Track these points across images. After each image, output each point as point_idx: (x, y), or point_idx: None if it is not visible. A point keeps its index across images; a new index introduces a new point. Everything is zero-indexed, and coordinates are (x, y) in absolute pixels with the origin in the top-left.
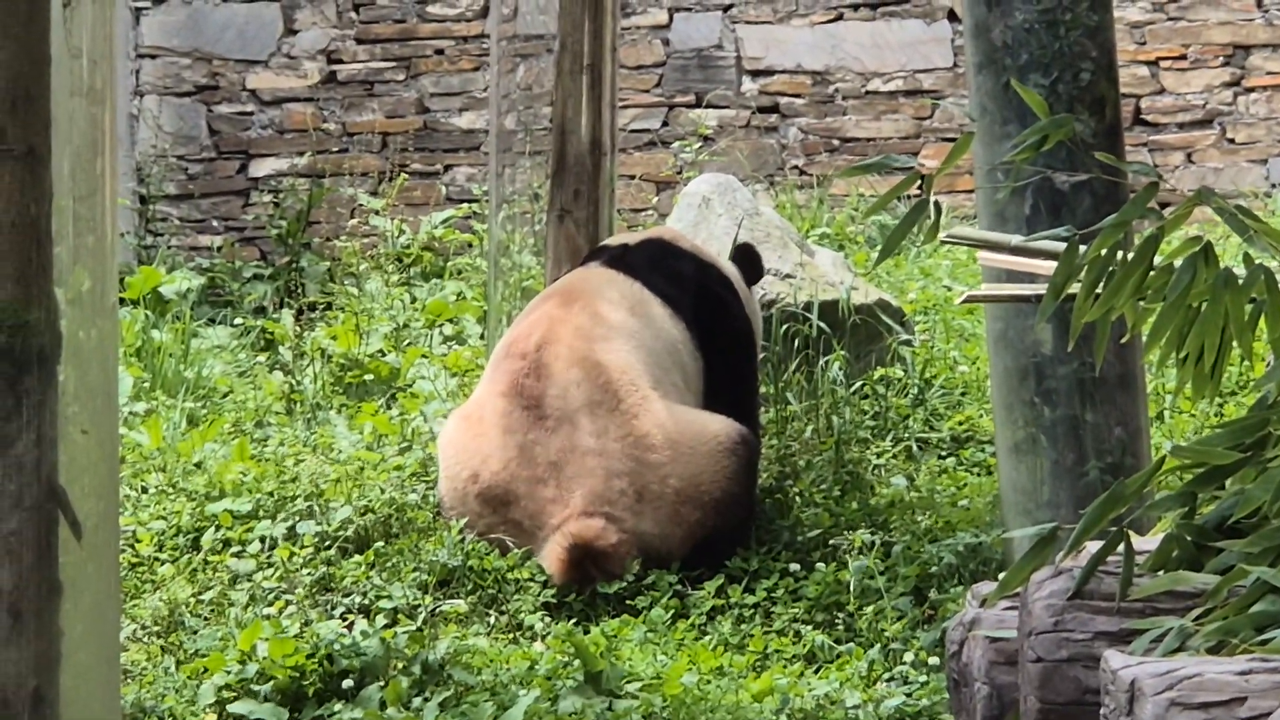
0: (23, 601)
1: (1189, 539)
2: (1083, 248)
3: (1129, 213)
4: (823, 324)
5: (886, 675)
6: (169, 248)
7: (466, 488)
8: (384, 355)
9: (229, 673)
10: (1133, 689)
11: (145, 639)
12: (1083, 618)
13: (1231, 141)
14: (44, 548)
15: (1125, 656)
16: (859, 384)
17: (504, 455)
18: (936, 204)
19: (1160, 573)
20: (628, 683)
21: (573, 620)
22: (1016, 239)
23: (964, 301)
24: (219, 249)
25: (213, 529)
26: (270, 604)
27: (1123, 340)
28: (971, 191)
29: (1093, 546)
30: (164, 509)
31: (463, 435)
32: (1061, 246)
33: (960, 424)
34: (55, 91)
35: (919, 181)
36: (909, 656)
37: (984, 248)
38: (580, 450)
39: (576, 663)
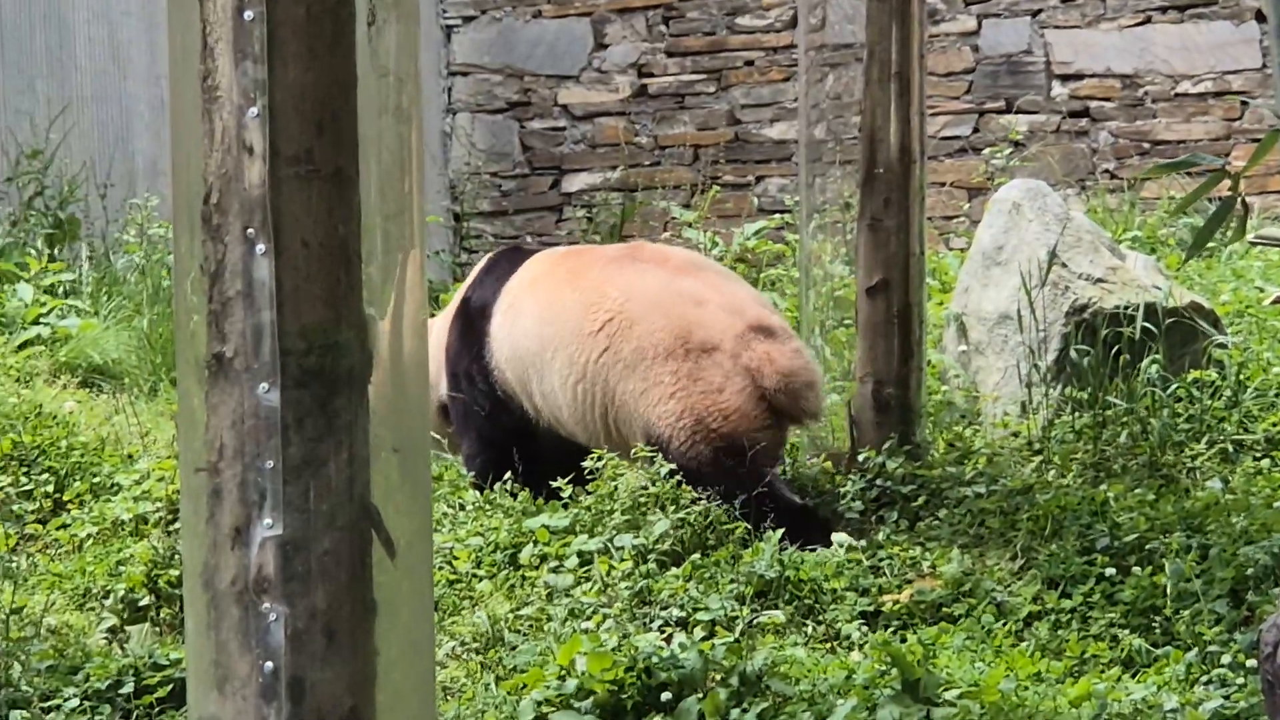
0: (337, 621)
1: None
2: None
3: None
4: (1146, 325)
5: (1204, 678)
6: None
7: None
8: None
9: (548, 687)
10: None
11: (465, 655)
12: None
13: None
14: (358, 567)
15: None
16: (1174, 387)
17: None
18: (1244, 202)
19: None
20: (945, 690)
21: (890, 629)
22: None
23: (1273, 303)
24: None
25: (530, 544)
26: (588, 618)
27: None
28: None
29: None
30: (482, 525)
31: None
32: None
33: (1275, 425)
34: (362, 111)
35: (1228, 180)
36: (1226, 659)
37: None
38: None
39: (894, 671)
